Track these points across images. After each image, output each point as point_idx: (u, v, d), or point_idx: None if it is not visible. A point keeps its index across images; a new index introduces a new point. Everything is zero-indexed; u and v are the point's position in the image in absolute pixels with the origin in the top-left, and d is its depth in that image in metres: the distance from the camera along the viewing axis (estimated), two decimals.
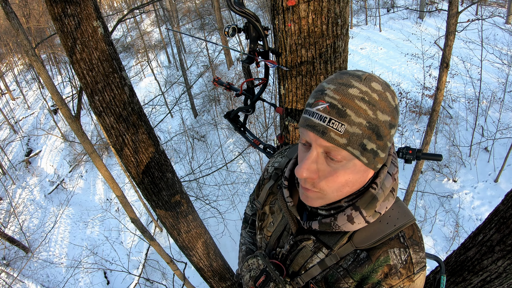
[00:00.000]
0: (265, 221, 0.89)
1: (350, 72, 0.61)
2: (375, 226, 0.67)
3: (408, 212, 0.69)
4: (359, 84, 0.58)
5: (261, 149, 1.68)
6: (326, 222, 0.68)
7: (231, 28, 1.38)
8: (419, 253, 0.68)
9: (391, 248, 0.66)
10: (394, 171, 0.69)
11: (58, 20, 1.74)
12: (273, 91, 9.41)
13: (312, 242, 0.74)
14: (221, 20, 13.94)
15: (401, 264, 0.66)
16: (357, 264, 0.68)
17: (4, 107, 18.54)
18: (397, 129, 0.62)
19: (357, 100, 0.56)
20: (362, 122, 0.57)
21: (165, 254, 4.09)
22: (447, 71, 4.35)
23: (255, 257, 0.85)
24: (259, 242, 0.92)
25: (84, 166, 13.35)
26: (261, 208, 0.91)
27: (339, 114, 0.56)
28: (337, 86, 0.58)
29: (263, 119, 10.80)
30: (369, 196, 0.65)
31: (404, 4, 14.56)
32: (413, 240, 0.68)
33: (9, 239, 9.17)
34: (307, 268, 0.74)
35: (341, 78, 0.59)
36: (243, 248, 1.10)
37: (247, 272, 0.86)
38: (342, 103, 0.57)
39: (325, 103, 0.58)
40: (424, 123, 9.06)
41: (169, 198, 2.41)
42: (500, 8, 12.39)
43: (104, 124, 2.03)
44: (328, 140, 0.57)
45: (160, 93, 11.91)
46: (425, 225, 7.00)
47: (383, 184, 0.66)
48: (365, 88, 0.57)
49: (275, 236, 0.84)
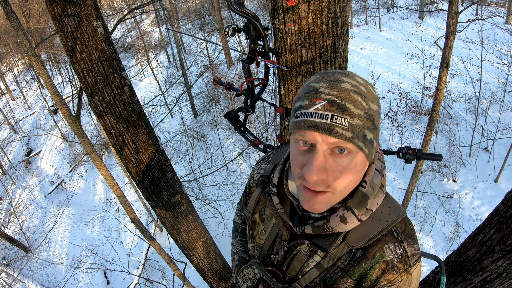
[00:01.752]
0: (256, 229, 0.87)
1: (330, 72, 0.63)
2: (368, 224, 0.68)
3: (398, 206, 0.70)
4: (348, 79, 0.60)
5: (261, 149, 1.68)
6: (319, 225, 0.68)
7: (231, 28, 1.38)
8: (413, 245, 0.68)
9: (386, 244, 0.67)
10: (382, 167, 0.70)
11: (58, 20, 1.74)
12: (273, 91, 9.41)
13: (307, 246, 0.73)
14: (221, 20, 13.94)
15: (397, 258, 0.67)
16: (354, 263, 0.69)
17: (4, 107, 18.54)
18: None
19: (352, 93, 0.58)
20: (361, 113, 0.58)
21: (165, 254, 4.09)
22: (447, 71, 4.35)
23: (250, 266, 0.84)
24: (252, 251, 0.91)
25: (84, 166, 13.35)
26: (251, 217, 0.90)
27: (340, 108, 0.57)
28: (329, 83, 0.59)
29: (263, 119, 10.80)
30: (360, 195, 0.65)
31: (404, 4, 14.56)
32: (406, 233, 0.68)
33: (9, 239, 9.17)
34: (304, 272, 0.74)
35: (327, 76, 0.61)
36: (236, 258, 1.09)
37: (243, 282, 0.84)
38: (341, 97, 0.58)
39: (323, 101, 0.58)
40: (424, 123, 9.06)
41: (169, 198, 2.41)
42: (500, 8, 12.39)
43: (104, 124, 2.03)
44: (336, 136, 0.57)
45: (160, 93, 11.92)
46: (425, 225, 7.00)
47: (372, 181, 0.67)
48: (354, 81, 0.60)
49: (268, 243, 0.83)
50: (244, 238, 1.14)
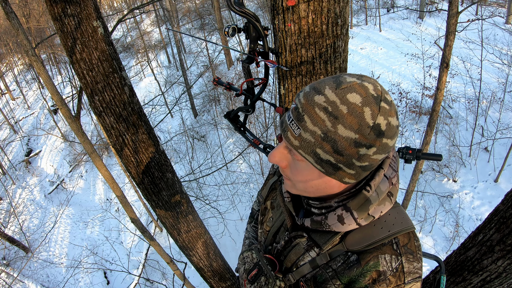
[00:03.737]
0: (265, 216, 0.90)
1: (341, 77, 0.58)
2: (369, 230, 0.66)
3: (407, 220, 0.67)
4: (330, 93, 0.55)
5: (261, 149, 1.68)
6: (317, 220, 0.68)
7: (231, 28, 1.38)
8: (413, 263, 0.65)
9: (382, 254, 0.64)
10: (392, 175, 0.66)
11: (58, 20, 1.74)
12: (273, 91, 9.42)
13: (306, 240, 0.73)
14: (221, 20, 13.95)
15: (391, 271, 0.63)
16: (346, 266, 0.67)
17: (4, 107, 18.54)
18: (384, 150, 0.58)
19: (317, 108, 0.55)
20: (316, 132, 0.55)
21: (165, 254, 4.09)
22: (447, 71, 4.35)
23: (250, 250, 0.86)
24: (260, 237, 0.93)
25: (84, 166, 13.35)
26: (263, 203, 0.93)
27: (297, 118, 0.57)
28: (309, 90, 0.58)
29: (263, 119, 10.80)
30: (362, 198, 0.63)
31: (404, 4, 14.56)
32: (407, 248, 0.65)
33: (9, 239, 9.17)
34: (299, 265, 0.74)
35: (321, 82, 0.58)
36: (247, 242, 1.11)
37: (242, 264, 0.88)
38: (303, 108, 0.57)
39: (294, 104, 0.60)
40: (424, 123, 9.06)
41: (169, 198, 2.41)
42: (500, 8, 12.39)
43: (104, 124, 2.03)
44: (285, 138, 0.60)
45: (160, 93, 11.91)
46: (425, 225, 7.00)
47: (378, 187, 0.64)
48: (335, 98, 0.54)
49: (272, 231, 0.85)
50: (257, 224, 1.16)
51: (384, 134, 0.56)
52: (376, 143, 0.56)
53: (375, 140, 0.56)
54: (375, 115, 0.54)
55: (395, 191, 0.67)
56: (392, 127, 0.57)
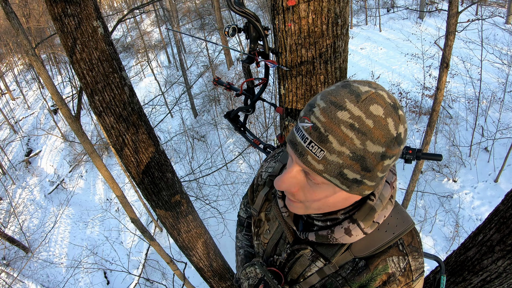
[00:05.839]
0: (261, 228, 0.87)
1: (353, 87, 0.53)
2: (374, 235, 0.66)
3: (407, 218, 0.68)
4: (353, 107, 0.50)
5: (261, 149, 1.68)
6: (323, 234, 0.66)
7: (231, 28, 1.38)
8: (418, 259, 0.67)
9: (390, 257, 0.65)
10: (393, 179, 0.66)
11: (58, 20, 1.74)
12: (273, 91, 9.41)
13: (310, 251, 0.72)
14: (221, 20, 13.94)
15: (400, 272, 0.65)
16: (356, 272, 0.67)
17: (4, 107, 18.53)
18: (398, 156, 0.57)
19: (343, 126, 0.50)
20: (345, 152, 0.50)
21: (165, 254, 4.10)
22: (447, 71, 4.35)
23: (252, 265, 0.84)
24: (257, 248, 0.91)
25: (84, 166, 13.35)
26: (257, 215, 0.89)
27: (320, 139, 0.51)
28: (327, 105, 0.51)
29: (263, 119, 10.80)
30: (367, 208, 0.62)
31: (404, 4, 14.56)
32: (412, 246, 0.67)
33: (9, 239, 9.16)
34: (306, 276, 0.74)
35: (337, 95, 0.52)
36: (241, 252, 1.09)
37: (245, 280, 0.86)
38: (326, 127, 0.50)
39: (310, 123, 0.52)
40: (424, 123, 9.06)
41: (169, 198, 2.41)
42: (500, 8, 12.39)
43: (104, 124, 2.03)
44: (304, 163, 0.53)
45: (160, 93, 11.91)
46: (425, 225, 7.00)
47: (381, 194, 0.64)
48: (359, 112, 0.50)
49: (271, 243, 0.83)
50: (250, 233, 1.14)
51: (403, 141, 0.55)
52: (397, 152, 0.55)
53: (397, 149, 0.54)
54: (397, 125, 0.52)
55: (394, 193, 0.68)
56: (407, 133, 0.56)
